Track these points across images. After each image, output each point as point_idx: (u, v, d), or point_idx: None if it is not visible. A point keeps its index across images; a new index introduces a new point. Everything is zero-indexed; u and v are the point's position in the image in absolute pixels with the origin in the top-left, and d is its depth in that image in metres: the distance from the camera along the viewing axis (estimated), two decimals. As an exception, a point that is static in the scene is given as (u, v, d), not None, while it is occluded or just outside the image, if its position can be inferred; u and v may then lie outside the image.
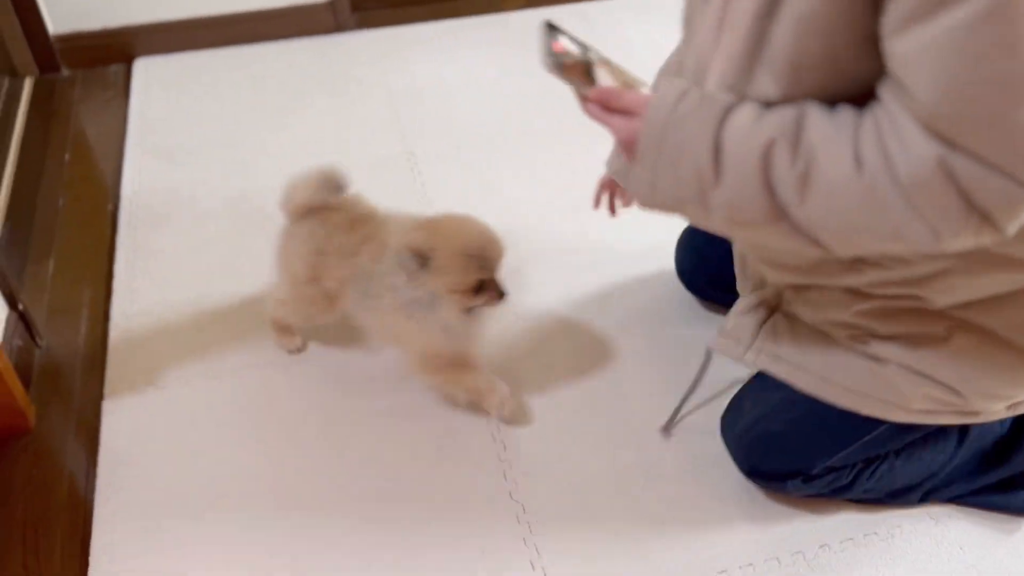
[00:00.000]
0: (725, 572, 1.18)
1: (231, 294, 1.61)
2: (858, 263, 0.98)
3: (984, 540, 1.22)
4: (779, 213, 0.85)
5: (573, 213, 1.76)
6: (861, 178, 0.80)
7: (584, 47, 0.98)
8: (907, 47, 0.75)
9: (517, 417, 1.37)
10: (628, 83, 0.98)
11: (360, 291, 1.30)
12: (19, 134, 2.02)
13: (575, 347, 1.51)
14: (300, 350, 1.49)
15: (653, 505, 1.27)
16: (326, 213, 1.31)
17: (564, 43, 0.95)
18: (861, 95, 0.84)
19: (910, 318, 1.02)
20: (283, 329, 1.47)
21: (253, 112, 2.11)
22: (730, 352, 1.18)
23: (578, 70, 0.93)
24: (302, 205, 1.31)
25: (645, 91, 0.98)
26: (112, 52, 2.31)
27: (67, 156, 2.00)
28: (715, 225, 0.92)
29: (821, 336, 1.11)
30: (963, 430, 1.19)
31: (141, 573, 1.20)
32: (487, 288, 1.22)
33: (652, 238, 1.62)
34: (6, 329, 1.44)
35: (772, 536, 1.23)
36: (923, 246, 0.81)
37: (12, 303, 1.48)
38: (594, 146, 2.04)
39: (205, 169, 1.93)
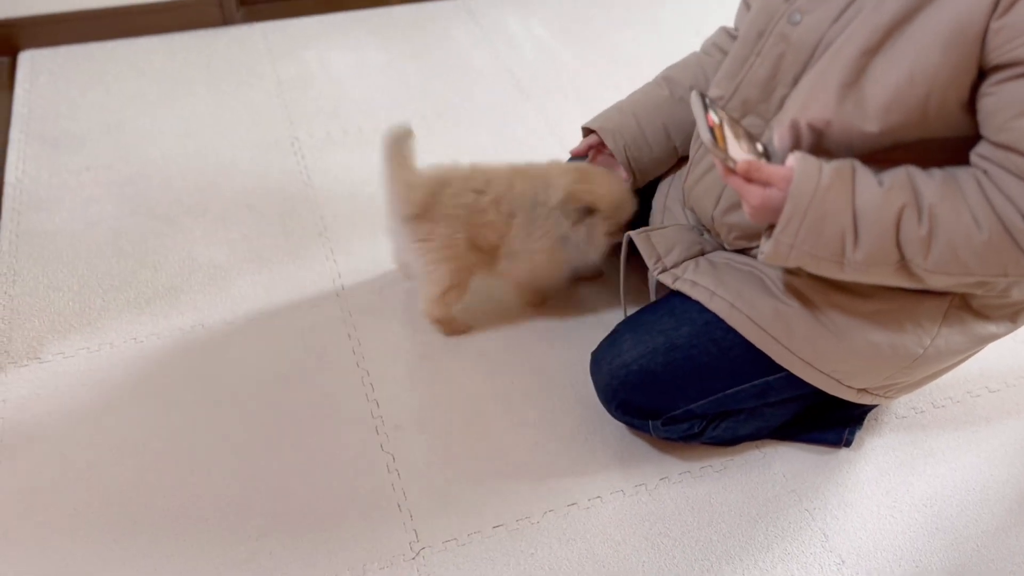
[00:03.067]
0: (575, 504, 1.30)
1: (114, 275, 1.66)
2: None
3: (803, 469, 1.36)
4: (903, 264, 0.99)
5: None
6: (981, 233, 0.94)
7: (717, 112, 1.04)
8: None
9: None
10: (748, 135, 1.07)
11: (526, 224, 1.41)
12: (-101, 124, 2.01)
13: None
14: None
15: (514, 449, 1.37)
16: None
17: (711, 115, 1.01)
18: (925, 139, 1.00)
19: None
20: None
21: (138, 101, 2.14)
22: (650, 262, 1.28)
23: (721, 138, 1.00)
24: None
25: (761, 143, 1.10)
26: (-3, 44, 2.30)
27: (-51, 145, 1.99)
28: (839, 275, 1.04)
29: (738, 273, 1.22)
30: (816, 396, 1.28)
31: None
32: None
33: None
34: None
35: (618, 471, 1.34)
36: (1021, 274, 0.97)
37: None
38: (476, 128, 2.15)
39: (91, 156, 1.95)
